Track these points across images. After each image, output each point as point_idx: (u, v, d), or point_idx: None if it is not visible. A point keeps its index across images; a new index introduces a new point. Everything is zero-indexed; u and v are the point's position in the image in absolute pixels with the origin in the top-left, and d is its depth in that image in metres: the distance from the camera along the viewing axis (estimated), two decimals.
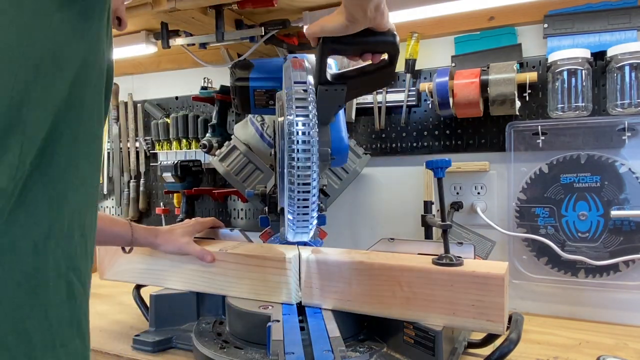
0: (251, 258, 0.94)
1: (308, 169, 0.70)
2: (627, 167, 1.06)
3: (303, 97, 0.72)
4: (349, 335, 0.85)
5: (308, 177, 0.70)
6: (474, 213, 1.21)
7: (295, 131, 0.70)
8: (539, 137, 1.13)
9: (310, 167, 0.70)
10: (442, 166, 0.84)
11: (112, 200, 1.76)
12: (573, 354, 0.90)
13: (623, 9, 1.07)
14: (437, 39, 1.27)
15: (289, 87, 0.73)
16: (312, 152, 0.70)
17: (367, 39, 0.75)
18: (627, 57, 1.03)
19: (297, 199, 0.71)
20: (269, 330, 0.78)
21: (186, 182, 1.50)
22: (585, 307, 1.13)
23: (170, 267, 1.02)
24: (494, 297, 0.74)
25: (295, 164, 0.70)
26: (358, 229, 1.39)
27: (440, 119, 1.26)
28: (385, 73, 0.81)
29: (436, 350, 0.75)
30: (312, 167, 0.71)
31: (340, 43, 0.75)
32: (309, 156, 0.70)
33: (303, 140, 0.70)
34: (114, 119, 1.71)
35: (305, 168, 0.70)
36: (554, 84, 1.10)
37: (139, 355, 0.92)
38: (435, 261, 0.80)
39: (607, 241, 1.08)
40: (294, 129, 0.70)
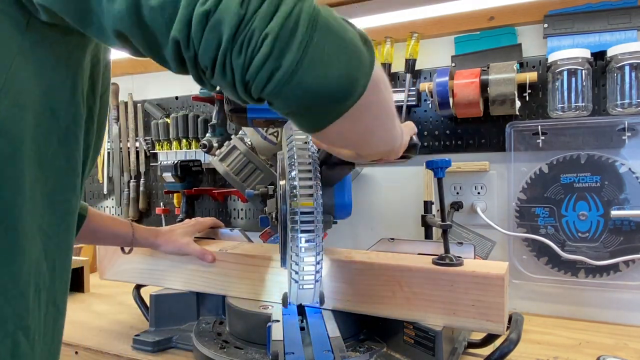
0: (251, 258, 0.94)
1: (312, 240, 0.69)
2: (627, 167, 1.06)
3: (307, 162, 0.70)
4: (349, 335, 0.85)
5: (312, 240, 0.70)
6: (474, 213, 1.21)
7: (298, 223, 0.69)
8: (539, 137, 1.13)
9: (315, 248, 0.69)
10: (442, 166, 0.84)
11: (112, 200, 1.76)
12: (573, 354, 0.90)
13: (623, 9, 1.07)
14: (437, 39, 1.27)
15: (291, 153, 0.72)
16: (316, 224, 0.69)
17: None
18: (627, 57, 1.03)
19: (303, 276, 0.70)
20: (269, 330, 0.78)
21: (186, 182, 1.50)
22: (585, 307, 1.13)
23: (170, 267, 1.02)
24: (494, 297, 0.74)
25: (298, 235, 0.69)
26: (358, 229, 1.39)
27: (440, 119, 1.26)
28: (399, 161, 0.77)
29: (436, 350, 0.75)
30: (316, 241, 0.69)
31: None
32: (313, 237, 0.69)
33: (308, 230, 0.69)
34: (114, 119, 1.71)
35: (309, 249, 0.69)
36: (554, 84, 1.10)
37: (139, 355, 0.92)
38: (435, 261, 0.80)
39: (607, 241, 1.08)
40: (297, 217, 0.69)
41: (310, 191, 0.69)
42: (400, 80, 1.30)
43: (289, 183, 0.70)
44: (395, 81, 1.31)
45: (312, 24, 0.38)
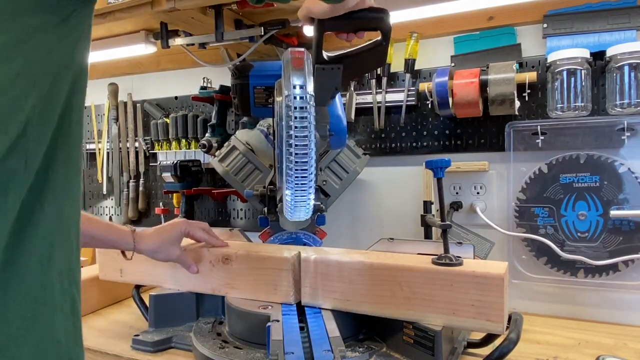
0: (251, 258, 0.94)
1: (305, 138, 0.69)
2: (626, 167, 1.06)
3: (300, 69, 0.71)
4: (349, 335, 0.86)
5: (306, 146, 0.69)
6: (474, 213, 1.21)
7: (292, 95, 0.69)
8: (539, 137, 1.13)
9: (307, 137, 0.69)
10: (442, 166, 0.84)
11: (111, 200, 1.75)
12: (572, 353, 0.90)
13: (622, 9, 1.07)
14: (436, 39, 1.27)
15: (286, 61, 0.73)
16: (309, 119, 0.69)
17: (359, 15, 0.77)
18: (626, 57, 1.03)
19: (295, 176, 0.70)
20: (269, 330, 0.78)
21: (185, 182, 1.50)
22: (585, 307, 1.13)
23: (170, 268, 1.02)
24: (494, 297, 0.74)
25: (293, 132, 0.69)
26: (358, 229, 1.39)
27: (439, 119, 1.26)
28: (379, 52, 0.83)
29: (436, 350, 0.75)
30: (309, 137, 0.69)
31: (335, 20, 0.77)
32: (306, 124, 0.69)
33: (300, 107, 0.69)
34: (114, 119, 1.71)
35: (302, 138, 0.69)
36: (553, 83, 1.10)
37: (138, 355, 0.91)
38: (435, 261, 0.80)
39: (607, 241, 1.08)
40: (291, 103, 0.69)
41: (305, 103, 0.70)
42: (399, 80, 1.30)
43: (285, 97, 0.71)
44: (394, 81, 1.31)
45: None
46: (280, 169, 0.76)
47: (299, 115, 0.69)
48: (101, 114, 1.77)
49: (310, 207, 0.76)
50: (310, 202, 0.75)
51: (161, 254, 0.95)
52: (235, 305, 0.90)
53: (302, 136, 0.70)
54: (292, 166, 0.70)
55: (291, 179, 0.71)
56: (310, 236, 1.09)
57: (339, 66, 0.83)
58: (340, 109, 1.01)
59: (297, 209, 0.75)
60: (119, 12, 1.12)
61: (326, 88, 0.85)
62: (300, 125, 0.69)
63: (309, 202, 0.74)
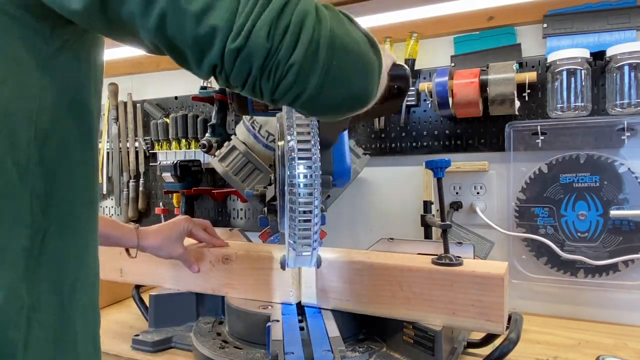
0: (251, 258, 0.94)
1: (310, 213, 0.69)
2: (626, 167, 1.06)
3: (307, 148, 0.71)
4: (349, 335, 0.86)
5: (309, 221, 0.69)
6: (474, 213, 1.21)
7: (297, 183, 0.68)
8: (539, 137, 1.13)
9: (312, 212, 0.69)
10: (442, 166, 0.84)
11: (111, 200, 1.75)
12: (572, 353, 0.90)
13: (622, 9, 1.07)
14: (436, 39, 1.27)
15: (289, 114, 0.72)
16: (314, 185, 0.69)
17: None
18: (626, 57, 1.03)
19: (299, 229, 0.70)
20: (269, 330, 0.78)
21: (185, 182, 1.49)
22: (585, 307, 1.13)
23: (170, 268, 1.02)
24: (494, 297, 0.74)
25: (297, 207, 0.69)
26: (358, 229, 1.39)
27: (439, 119, 1.26)
28: (393, 103, 0.79)
29: (436, 350, 0.75)
30: (314, 212, 0.69)
31: None
32: (311, 200, 0.70)
33: (306, 193, 0.69)
34: (114, 119, 1.71)
35: (307, 212, 0.69)
36: (553, 83, 1.10)
37: (138, 355, 0.91)
38: (435, 261, 0.80)
39: (607, 241, 1.08)
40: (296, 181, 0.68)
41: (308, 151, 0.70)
42: None
43: (287, 144, 0.71)
44: None
45: (330, 47, 0.42)
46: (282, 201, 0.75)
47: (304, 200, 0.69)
48: (101, 114, 1.76)
49: (315, 257, 0.75)
50: (314, 254, 0.74)
51: (164, 251, 0.95)
52: (235, 305, 0.90)
53: (307, 211, 0.70)
54: (295, 233, 0.70)
55: (294, 241, 0.71)
56: None
57: (346, 121, 0.80)
58: (346, 146, 0.97)
59: (299, 262, 0.74)
60: None
61: (332, 133, 0.83)
62: (305, 201, 0.69)
63: (313, 257, 0.73)
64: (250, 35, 0.39)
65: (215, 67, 0.41)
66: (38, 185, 0.44)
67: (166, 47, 0.41)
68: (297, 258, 0.73)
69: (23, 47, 0.43)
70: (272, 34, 0.40)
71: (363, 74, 0.47)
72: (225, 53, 0.40)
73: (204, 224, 1.03)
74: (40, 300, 0.43)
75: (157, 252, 0.95)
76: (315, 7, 0.43)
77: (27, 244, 0.42)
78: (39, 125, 0.43)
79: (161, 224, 0.99)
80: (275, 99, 0.43)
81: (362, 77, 0.47)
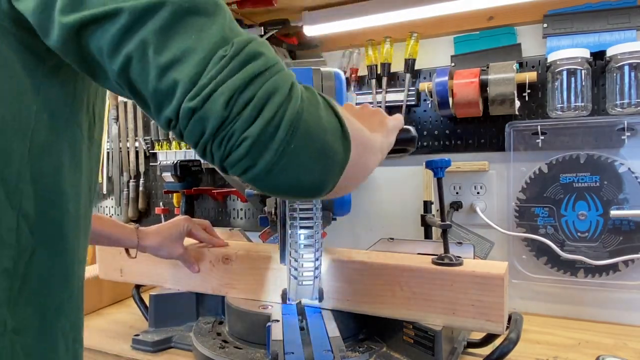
0: (251, 258, 0.94)
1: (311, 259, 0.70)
2: (626, 167, 1.06)
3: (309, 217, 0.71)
4: (349, 335, 0.85)
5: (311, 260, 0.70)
6: (474, 213, 1.21)
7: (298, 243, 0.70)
8: (539, 137, 1.13)
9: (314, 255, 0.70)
10: (442, 166, 0.84)
11: (111, 200, 1.75)
12: (572, 353, 0.90)
13: (622, 9, 1.07)
14: (436, 39, 1.27)
15: None
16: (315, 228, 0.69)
17: None
18: (626, 57, 1.03)
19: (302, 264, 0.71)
20: (269, 330, 0.78)
21: (186, 182, 1.50)
22: (585, 307, 1.13)
23: (170, 268, 1.02)
24: (494, 297, 0.74)
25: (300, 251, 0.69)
26: (358, 229, 1.39)
27: (439, 119, 1.26)
28: (399, 156, 0.79)
29: (436, 350, 0.75)
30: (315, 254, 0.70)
31: None
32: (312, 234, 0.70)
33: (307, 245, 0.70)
34: (114, 118, 1.71)
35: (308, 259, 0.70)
36: (553, 83, 1.10)
37: (138, 355, 0.91)
38: (435, 261, 0.80)
39: (607, 241, 1.08)
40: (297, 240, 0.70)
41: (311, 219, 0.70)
42: (399, 80, 1.30)
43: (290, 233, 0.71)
44: (394, 81, 1.31)
45: (292, 129, 0.40)
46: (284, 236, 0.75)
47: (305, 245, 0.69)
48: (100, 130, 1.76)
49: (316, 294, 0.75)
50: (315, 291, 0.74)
51: (164, 251, 0.95)
52: (235, 305, 0.90)
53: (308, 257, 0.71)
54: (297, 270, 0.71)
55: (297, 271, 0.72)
56: None
57: None
58: None
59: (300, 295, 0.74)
60: None
61: None
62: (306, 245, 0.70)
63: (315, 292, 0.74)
64: (208, 98, 0.37)
65: (170, 121, 0.39)
66: (27, 204, 0.43)
67: (129, 91, 0.40)
68: (299, 289, 0.73)
69: (19, 63, 0.42)
70: (232, 103, 0.38)
71: (320, 165, 0.43)
72: (180, 110, 0.38)
73: (203, 224, 1.03)
74: (24, 324, 0.42)
75: (157, 252, 0.95)
76: (290, 85, 0.41)
77: (9, 265, 0.41)
78: (34, 143, 0.43)
79: (161, 224, 0.99)
80: (225, 168, 0.41)
81: (319, 168, 0.43)
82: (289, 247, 0.71)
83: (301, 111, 0.40)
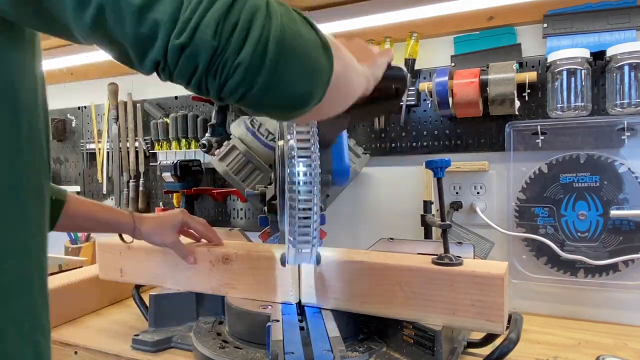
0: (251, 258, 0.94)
1: (309, 210, 0.70)
2: (626, 167, 1.06)
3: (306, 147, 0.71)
4: (349, 335, 0.85)
5: (308, 218, 0.70)
6: (474, 213, 1.21)
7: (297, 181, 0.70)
8: (539, 137, 1.13)
9: (312, 209, 0.70)
10: (442, 166, 0.84)
11: (111, 200, 1.75)
12: (572, 353, 0.90)
13: (622, 9, 1.07)
14: (436, 39, 1.27)
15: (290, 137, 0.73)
16: (313, 183, 0.70)
17: None
18: (626, 57, 1.03)
19: (299, 226, 0.71)
20: (269, 330, 0.78)
21: (186, 182, 1.50)
22: (585, 307, 1.13)
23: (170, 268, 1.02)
24: (494, 296, 0.74)
25: (297, 205, 0.69)
26: (358, 229, 1.39)
27: (439, 119, 1.26)
28: (390, 104, 0.80)
29: (436, 349, 0.75)
30: (313, 209, 0.70)
31: None
32: (311, 197, 0.70)
33: (305, 190, 0.70)
34: (114, 118, 1.71)
35: (306, 210, 0.70)
36: (553, 83, 1.10)
37: (138, 355, 0.91)
38: (435, 261, 0.80)
39: (607, 241, 1.08)
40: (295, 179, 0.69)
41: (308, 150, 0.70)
42: None
43: (287, 144, 0.71)
44: None
45: (279, 48, 0.40)
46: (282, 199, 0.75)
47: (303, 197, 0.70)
48: (101, 113, 1.77)
49: (314, 254, 0.75)
50: (313, 255, 0.74)
51: (158, 236, 0.95)
52: (235, 305, 0.90)
53: (306, 208, 0.71)
54: (295, 230, 0.71)
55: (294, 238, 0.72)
56: None
57: (345, 116, 0.81)
58: (344, 145, 0.98)
59: (300, 259, 0.75)
60: None
61: (331, 133, 0.83)
62: (305, 198, 0.70)
63: (313, 254, 0.74)
64: (195, 32, 0.37)
65: (158, 63, 0.39)
66: None
67: (105, 44, 0.39)
68: (297, 255, 0.73)
69: None
70: (220, 31, 0.38)
71: (309, 76, 0.45)
72: (168, 49, 0.37)
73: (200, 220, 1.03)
74: None
75: (151, 238, 0.95)
76: (266, 2, 0.41)
77: None
78: None
79: (157, 213, 1.00)
80: (222, 97, 0.42)
81: (308, 79, 0.45)
82: (287, 211, 0.72)
83: (283, 28, 0.41)
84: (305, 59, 0.44)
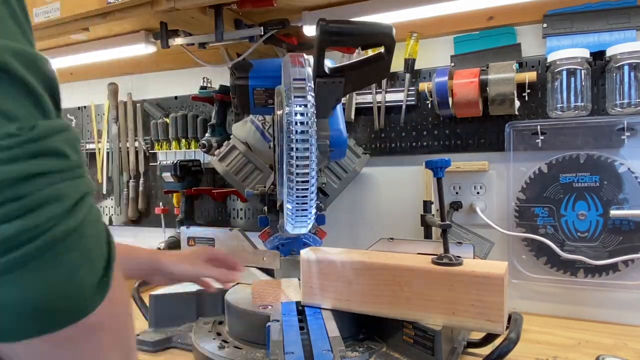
0: None
1: (306, 159, 0.71)
2: (626, 167, 1.06)
3: (301, 87, 0.72)
4: (349, 335, 0.86)
5: (307, 166, 0.71)
6: (473, 213, 1.21)
7: (293, 121, 0.71)
8: (538, 137, 1.13)
9: (309, 157, 0.71)
10: (442, 166, 0.84)
11: (111, 200, 1.75)
12: (572, 353, 0.90)
13: (622, 9, 1.07)
14: (436, 39, 1.27)
15: (287, 81, 0.74)
16: (310, 142, 0.71)
17: (364, 30, 0.76)
18: (626, 57, 1.03)
19: (297, 189, 0.71)
20: (269, 330, 0.78)
21: (185, 182, 1.50)
22: (585, 307, 1.13)
23: None
24: (494, 296, 0.74)
25: (294, 154, 0.70)
26: (357, 229, 1.39)
27: (439, 119, 1.26)
28: (381, 66, 0.82)
29: (435, 349, 0.75)
30: (311, 157, 0.71)
31: (339, 35, 0.76)
32: (307, 146, 0.71)
33: (301, 131, 0.71)
34: (114, 119, 1.71)
35: (303, 158, 0.71)
36: (553, 83, 1.10)
37: (138, 354, 0.91)
38: (434, 261, 0.80)
39: (606, 241, 1.08)
40: (292, 119, 0.71)
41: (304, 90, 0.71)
42: (399, 80, 1.30)
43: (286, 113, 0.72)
44: (394, 81, 1.31)
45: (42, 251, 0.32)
46: (281, 172, 0.76)
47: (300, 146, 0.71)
48: (101, 113, 1.77)
49: (311, 221, 0.76)
50: (311, 218, 0.75)
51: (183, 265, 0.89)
52: (235, 305, 0.90)
53: (304, 157, 0.71)
54: (293, 185, 0.72)
55: (292, 198, 0.72)
56: (310, 236, 1.08)
57: (340, 79, 0.82)
58: (341, 119, 1.00)
59: (298, 223, 0.75)
60: (118, 12, 1.11)
61: (327, 101, 0.85)
62: (302, 147, 0.71)
63: (310, 217, 0.75)
64: None
65: None
66: None
67: None
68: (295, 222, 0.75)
69: None
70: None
71: None
72: None
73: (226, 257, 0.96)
74: None
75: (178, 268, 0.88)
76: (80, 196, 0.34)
77: None
78: None
79: None
80: None
81: None
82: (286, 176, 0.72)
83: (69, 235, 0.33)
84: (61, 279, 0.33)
